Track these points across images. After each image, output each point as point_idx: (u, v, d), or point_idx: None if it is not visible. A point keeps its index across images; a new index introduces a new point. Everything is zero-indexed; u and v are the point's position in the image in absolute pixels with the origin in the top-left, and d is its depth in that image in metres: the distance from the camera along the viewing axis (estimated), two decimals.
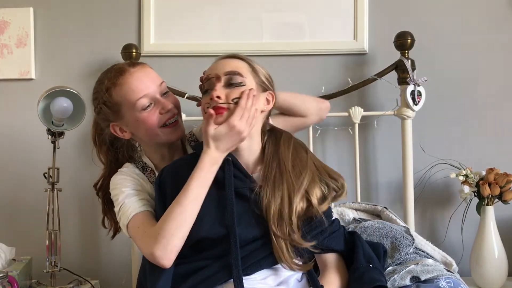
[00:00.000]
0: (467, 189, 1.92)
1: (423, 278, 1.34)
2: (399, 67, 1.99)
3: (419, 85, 1.97)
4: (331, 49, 2.13)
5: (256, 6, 2.14)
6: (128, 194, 1.37)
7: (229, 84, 1.26)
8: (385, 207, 1.78)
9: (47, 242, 1.82)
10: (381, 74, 2.01)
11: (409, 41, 1.97)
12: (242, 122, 1.22)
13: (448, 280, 1.32)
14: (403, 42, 1.97)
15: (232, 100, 1.25)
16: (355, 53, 2.13)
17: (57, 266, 1.83)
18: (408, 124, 1.98)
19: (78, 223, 2.16)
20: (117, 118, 1.44)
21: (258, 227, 1.23)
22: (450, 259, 1.56)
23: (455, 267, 1.53)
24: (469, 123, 2.12)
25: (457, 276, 1.43)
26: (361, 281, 1.21)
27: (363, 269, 1.24)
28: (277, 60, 2.11)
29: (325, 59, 2.14)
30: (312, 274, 1.25)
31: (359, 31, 2.12)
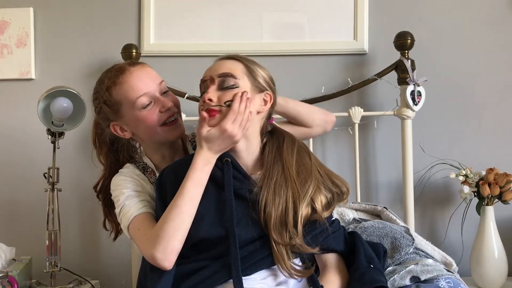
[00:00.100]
0: (467, 189, 1.92)
1: (423, 278, 1.34)
2: (399, 67, 1.99)
3: (419, 85, 1.97)
4: (331, 49, 2.13)
5: (256, 6, 2.15)
6: (129, 195, 1.37)
7: (222, 87, 1.26)
8: (385, 207, 1.78)
9: (47, 242, 1.82)
10: (381, 74, 2.01)
11: (409, 41, 1.97)
12: (235, 126, 1.22)
13: (448, 280, 1.32)
14: (403, 42, 1.97)
15: (225, 103, 1.25)
16: (355, 53, 2.13)
17: (57, 266, 1.83)
18: (408, 124, 1.98)
19: (78, 223, 2.16)
20: (117, 117, 1.44)
21: (257, 228, 1.23)
22: (450, 259, 1.56)
23: (455, 267, 1.53)
24: (469, 123, 2.12)
25: (457, 276, 1.43)
26: (362, 281, 1.21)
27: (363, 269, 1.24)
28: (277, 60, 2.11)
29: (325, 59, 2.14)
30: (312, 274, 1.25)
31: (359, 31, 2.12)
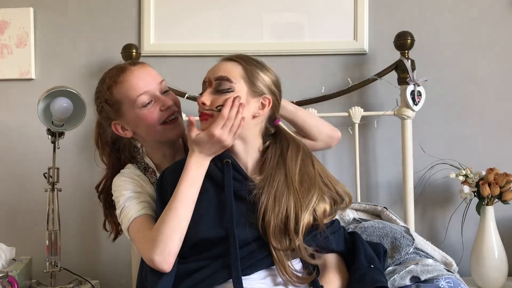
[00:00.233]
0: (467, 189, 1.91)
1: (423, 278, 1.34)
2: (399, 67, 1.99)
3: (419, 85, 1.97)
4: (331, 49, 2.13)
5: (256, 6, 2.15)
6: (129, 197, 1.37)
7: (217, 90, 1.25)
8: (385, 207, 1.78)
9: (47, 242, 1.82)
10: (381, 74, 2.01)
11: (409, 41, 1.97)
12: (224, 131, 1.21)
13: (448, 280, 1.32)
14: (403, 42, 1.97)
15: (216, 107, 1.24)
16: (355, 53, 2.13)
17: (57, 266, 1.83)
18: (408, 124, 1.98)
19: (78, 223, 2.16)
20: (118, 116, 1.44)
21: (256, 229, 1.22)
22: (450, 259, 1.56)
23: (455, 267, 1.53)
24: (469, 123, 2.12)
25: (457, 276, 1.43)
26: (362, 281, 1.21)
27: (364, 270, 1.24)
28: (277, 60, 2.11)
29: (325, 59, 2.14)
30: (310, 269, 1.24)
31: (359, 31, 2.12)
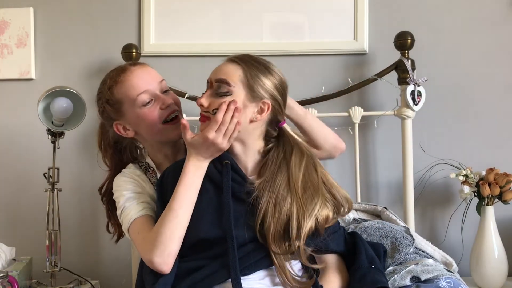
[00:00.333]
0: (467, 189, 1.91)
1: (423, 278, 1.34)
2: (399, 67, 1.99)
3: (419, 85, 1.97)
4: (331, 49, 2.13)
5: (256, 6, 2.14)
6: (129, 197, 1.38)
7: (217, 92, 1.24)
8: (385, 207, 1.78)
9: (47, 242, 1.82)
10: (381, 74, 2.01)
11: (409, 41, 1.97)
12: (218, 135, 1.21)
13: (448, 280, 1.32)
14: (403, 42, 1.97)
15: (212, 110, 1.23)
16: (355, 53, 2.13)
17: (57, 266, 1.83)
18: (408, 124, 1.98)
19: (78, 223, 2.16)
20: (119, 116, 1.45)
21: (255, 231, 1.21)
22: (450, 259, 1.56)
23: (455, 267, 1.53)
24: (469, 123, 2.12)
25: (457, 276, 1.43)
26: (363, 281, 1.21)
27: (365, 270, 1.24)
28: (277, 60, 2.05)
29: (325, 59, 2.14)
30: (310, 272, 1.24)
31: (359, 31, 2.12)
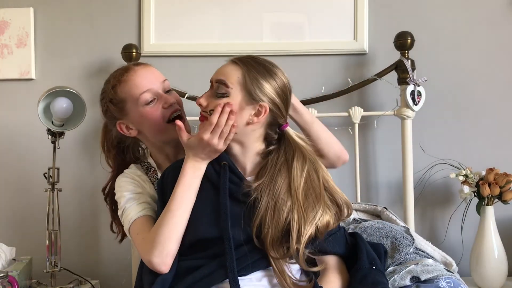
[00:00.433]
0: (467, 189, 1.91)
1: (423, 278, 1.34)
2: (399, 67, 1.99)
3: (419, 85, 1.97)
4: (331, 49, 2.13)
5: (256, 6, 2.14)
6: (129, 198, 1.39)
7: (216, 92, 1.25)
8: (385, 208, 1.78)
9: (47, 242, 1.82)
10: (381, 74, 2.01)
11: (409, 41, 1.97)
12: (213, 137, 1.21)
13: (448, 280, 1.32)
14: (403, 42, 1.97)
15: (209, 111, 1.24)
16: (355, 53, 2.13)
17: (57, 266, 1.83)
18: (408, 124, 1.98)
19: (78, 223, 2.16)
20: (123, 115, 1.46)
21: (252, 232, 1.21)
22: (450, 259, 1.56)
23: (455, 267, 1.53)
24: (469, 123, 2.12)
25: (457, 276, 1.43)
26: (364, 282, 1.20)
27: (366, 271, 1.23)
28: (277, 60, 2.05)
29: (325, 59, 2.14)
30: (309, 274, 1.24)
31: (359, 31, 2.12)
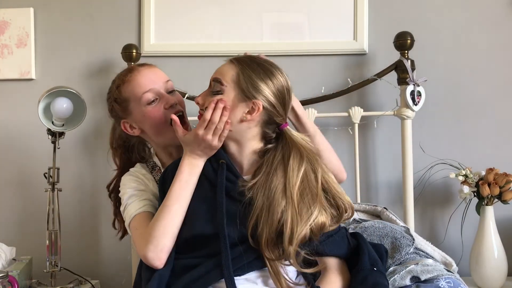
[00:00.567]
0: (466, 189, 1.92)
1: (423, 278, 1.35)
2: (399, 67, 1.99)
3: (418, 85, 1.97)
4: (331, 49, 2.13)
5: (256, 6, 2.14)
6: (132, 195, 1.41)
7: (212, 91, 1.27)
8: (385, 208, 1.78)
9: (47, 242, 1.82)
10: (381, 74, 2.02)
11: (409, 41, 1.97)
12: (207, 133, 1.23)
13: (448, 280, 1.32)
14: (403, 42, 1.97)
15: (205, 108, 1.26)
16: (355, 53, 2.13)
17: (57, 266, 1.83)
18: (408, 124, 1.98)
19: (78, 223, 2.16)
20: (126, 114, 1.49)
21: (247, 231, 1.21)
22: (450, 259, 1.56)
23: (455, 267, 1.54)
24: (469, 123, 2.12)
25: (457, 276, 1.43)
26: (365, 284, 1.20)
27: (366, 272, 1.23)
28: (277, 60, 2.05)
29: (325, 59, 2.14)
30: (307, 276, 1.23)
31: (359, 31, 2.12)
